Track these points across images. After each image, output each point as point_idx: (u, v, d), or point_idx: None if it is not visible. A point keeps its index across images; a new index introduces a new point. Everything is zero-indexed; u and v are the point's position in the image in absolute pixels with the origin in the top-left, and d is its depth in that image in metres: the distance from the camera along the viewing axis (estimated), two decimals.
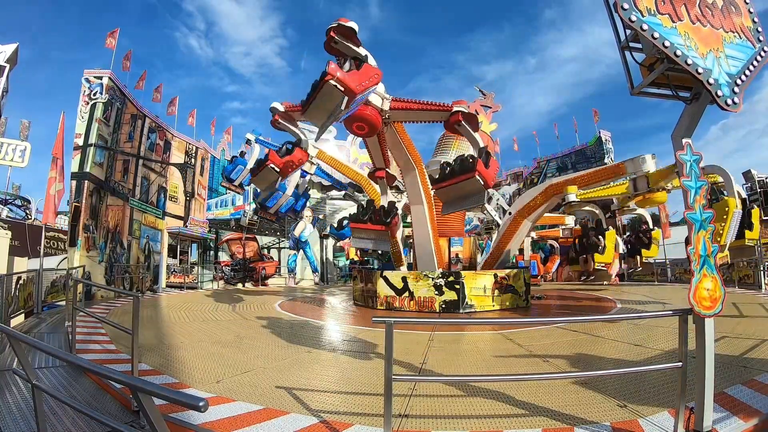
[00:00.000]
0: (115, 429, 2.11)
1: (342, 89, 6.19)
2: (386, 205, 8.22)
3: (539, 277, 19.50)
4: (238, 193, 17.62)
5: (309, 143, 9.07)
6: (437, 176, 7.41)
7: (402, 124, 8.99)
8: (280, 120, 8.92)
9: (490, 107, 13.99)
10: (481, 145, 7.25)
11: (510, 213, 11.84)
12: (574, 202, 10.86)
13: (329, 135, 27.16)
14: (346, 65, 6.34)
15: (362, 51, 6.94)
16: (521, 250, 19.02)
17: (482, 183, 6.68)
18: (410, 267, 11.71)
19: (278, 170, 8.13)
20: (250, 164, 11.82)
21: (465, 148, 12.70)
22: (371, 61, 6.72)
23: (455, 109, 7.22)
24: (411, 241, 12.12)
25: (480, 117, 13.96)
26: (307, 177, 13.36)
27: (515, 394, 3.60)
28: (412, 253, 12.49)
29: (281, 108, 8.69)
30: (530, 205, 11.38)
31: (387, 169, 9.12)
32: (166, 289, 17.42)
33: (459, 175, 6.79)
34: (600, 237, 12.38)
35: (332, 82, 6.12)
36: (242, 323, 8.28)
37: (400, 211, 9.23)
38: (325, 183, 26.12)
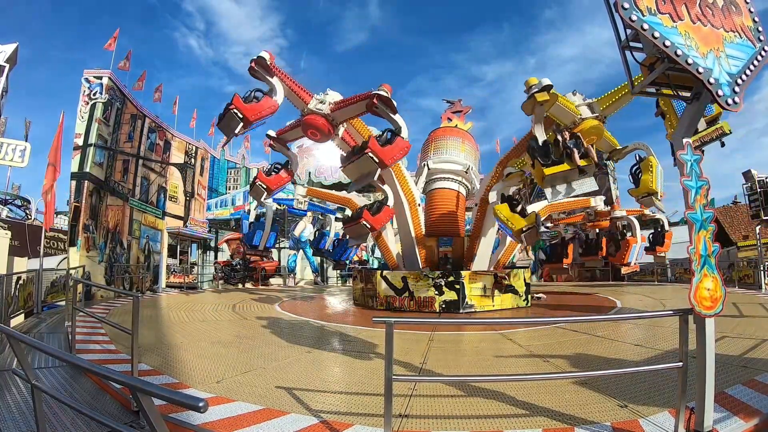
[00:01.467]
0: (114, 429, 2.11)
1: (377, 161, 7.71)
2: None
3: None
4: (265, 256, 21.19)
5: (297, 165, 10.31)
6: (345, 154, 8.68)
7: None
8: (273, 144, 10.27)
9: (461, 110, 14.82)
10: (400, 125, 8.05)
11: (476, 204, 11.87)
12: (548, 86, 8.19)
13: None
14: (381, 137, 7.90)
15: (398, 119, 8.24)
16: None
17: (377, 161, 7.60)
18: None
19: (265, 187, 9.53)
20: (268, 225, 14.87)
21: (450, 148, 12.78)
22: (404, 132, 8.12)
23: (376, 92, 8.02)
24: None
25: (455, 121, 14.30)
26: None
27: (515, 394, 3.60)
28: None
29: (273, 134, 10.06)
30: (488, 189, 11.14)
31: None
32: (166, 289, 17.41)
33: (357, 154, 7.92)
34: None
35: (370, 154, 7.66)
36: (242, 323, 8.28)
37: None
38: (325, 183, 26.13)
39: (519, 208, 8.90)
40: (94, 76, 14.58)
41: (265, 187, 9.44)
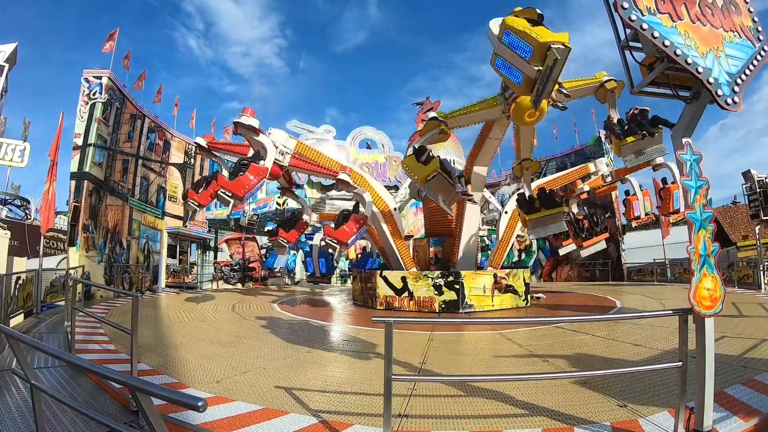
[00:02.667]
0: (114, 429, 2.11)
1: (335, 242, 9.63)
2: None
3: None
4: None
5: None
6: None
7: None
8: (201, 153, 12.15)
9: (431, 107, 15.47)
10: (361, 200, 10.49)
11: (507, 212, 12.13)
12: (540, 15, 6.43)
13: (329, 135, 27.17)
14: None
15: (361, 192, 10.37)
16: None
17: (335, 242, 9.53)
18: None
19: (198, 204, 10.10)
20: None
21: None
22: (366, 208, 10.38)
23: (339, 176, 10.48)
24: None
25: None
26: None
27: (515, 394, 3.60)
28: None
29: (204, 143, 11.33)
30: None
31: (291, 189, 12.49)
32: (166, 289, 17.41)
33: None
34: None
35: (328, 239, 9.63)
36: (242, 323, 8.28)
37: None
38: (325, 183, 26.14)
39: (424, 157, 8.59)
40: (93, 76, 14.56)
41: (196, 204, 10.02)
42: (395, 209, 11.67)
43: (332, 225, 10.46)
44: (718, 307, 2.79)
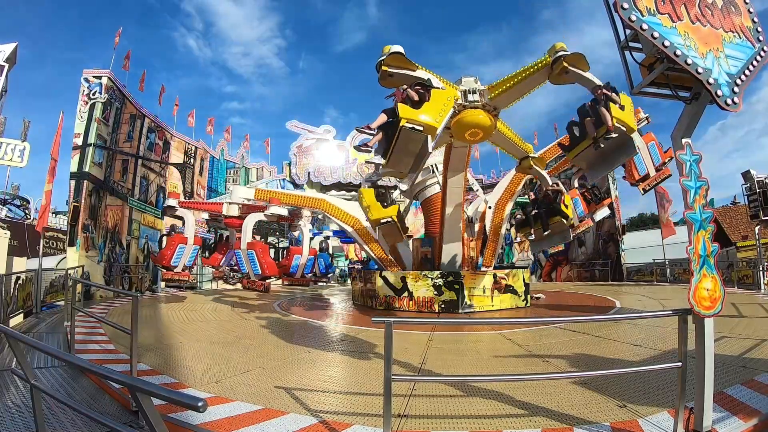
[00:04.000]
0: (113, 429, 2.10)
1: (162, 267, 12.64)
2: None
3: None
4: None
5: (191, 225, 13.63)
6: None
7: None
8: (168, 213, 13.83)
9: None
10: (304, 231, 13.69)
11: (490, 207, 12.38)
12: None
13: (328, 135, 27.18)
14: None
15: (303, 226, 13.54)
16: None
17: (161, 266, 11.83)
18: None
19: (165, 268, 12.29)
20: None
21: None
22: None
23: (299, 223, 13.51)
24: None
25: None
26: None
27: (515, 394, 3.60)
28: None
29: (174, 203, 13.16)
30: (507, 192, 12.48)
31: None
32: (165, 289, 17.39)
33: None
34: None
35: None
36: (241, 323, 8.27)
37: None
38: (324, 183, 26.12)
39: (387, 201, 9.44)
40: (93, 76, 14.55)
41: (162, 267, 11.78)
42: (368, 220, 11.91)
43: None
44: (718, 308, 2.80)
